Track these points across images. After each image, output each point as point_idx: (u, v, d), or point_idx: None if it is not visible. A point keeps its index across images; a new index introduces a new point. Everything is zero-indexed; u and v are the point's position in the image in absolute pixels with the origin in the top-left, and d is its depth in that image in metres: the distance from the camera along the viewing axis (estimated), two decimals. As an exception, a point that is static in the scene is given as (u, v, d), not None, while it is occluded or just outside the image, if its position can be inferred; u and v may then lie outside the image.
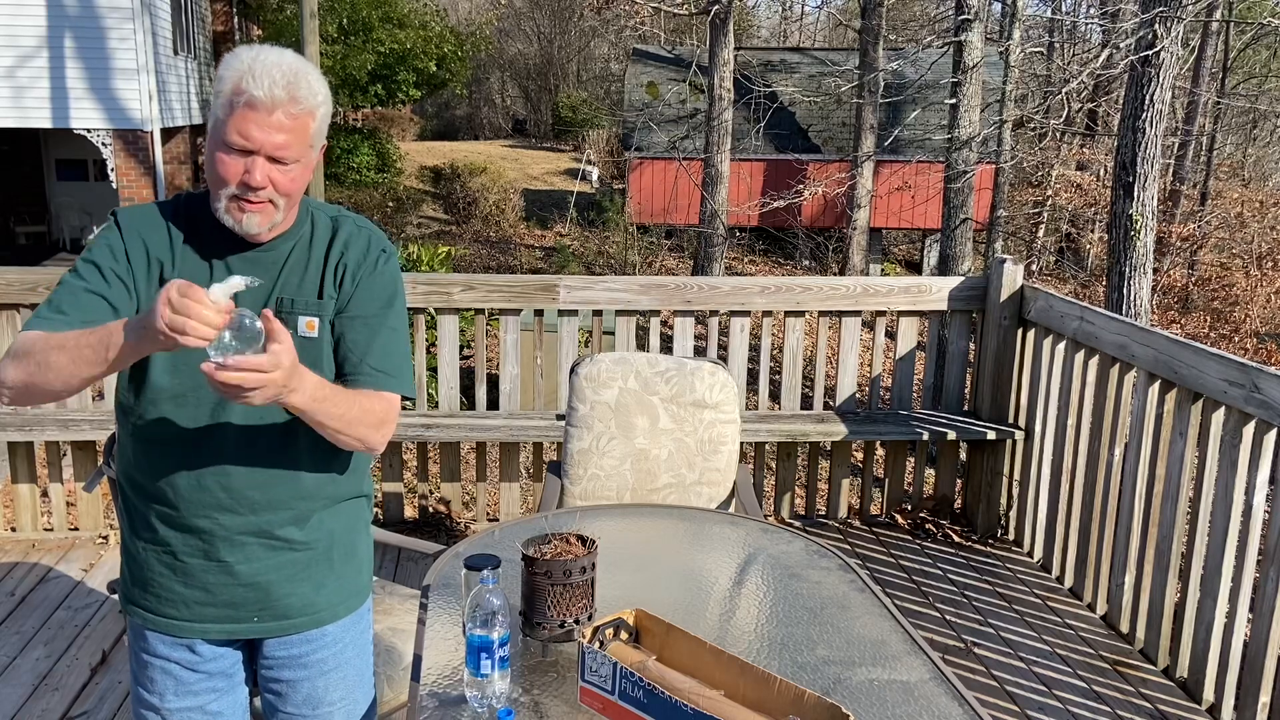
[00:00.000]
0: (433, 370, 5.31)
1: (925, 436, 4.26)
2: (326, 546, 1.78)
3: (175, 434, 1.65)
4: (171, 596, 1.72)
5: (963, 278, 4.45)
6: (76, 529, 4.20)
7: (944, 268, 11.47)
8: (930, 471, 5.64)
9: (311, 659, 1.81)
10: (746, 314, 4.33)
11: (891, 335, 5.23)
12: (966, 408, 4.50)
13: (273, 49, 1.59)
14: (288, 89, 1.55)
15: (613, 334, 4.34)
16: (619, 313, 4.28)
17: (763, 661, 1.79)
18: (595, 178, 22.11)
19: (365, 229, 1.77)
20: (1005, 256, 4.34)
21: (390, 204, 15.72)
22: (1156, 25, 6.94)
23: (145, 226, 1.67)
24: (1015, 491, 4.35)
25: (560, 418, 4.08)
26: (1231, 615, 3.05)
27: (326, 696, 1.84)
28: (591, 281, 4.23)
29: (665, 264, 16.85)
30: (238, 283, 1.42)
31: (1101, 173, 16.35)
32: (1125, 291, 7.30)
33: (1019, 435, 4.25)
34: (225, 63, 1.59)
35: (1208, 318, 13.14)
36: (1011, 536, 4.37)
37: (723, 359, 4.00)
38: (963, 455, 4.72)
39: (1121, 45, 8.70)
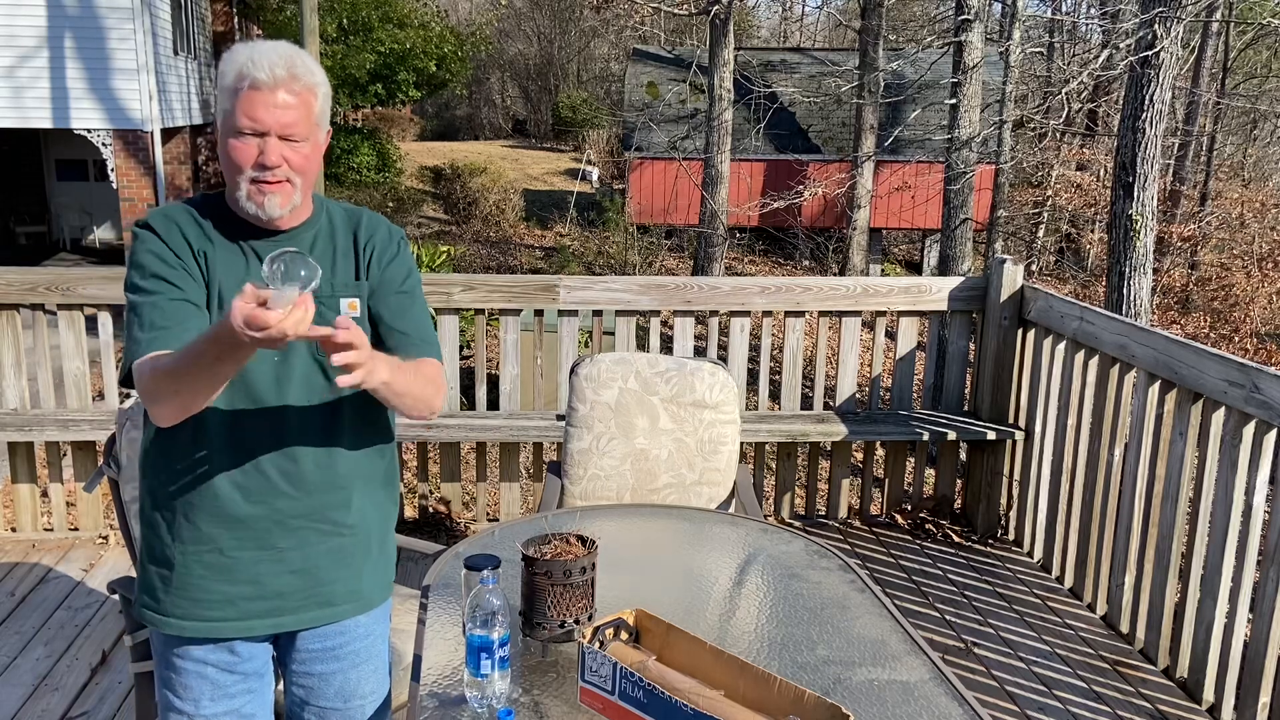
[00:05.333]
0: (433, 370, 5.32)
1: (925, 437, 4.26)
2: (366, 533, 1.83)
3: (227, 421, 1.67)
4: (213, 598, 1.72)
5: (963, 278, 4.45)
6: (76, 529, 4.20)
7: (944, 268, 11.47)
8: (930, 471, 5.64)
9: (345, 651, 1.84)
10: (746, 314, 4.33)
11: (891, 335, 5.23)
12: (966, 408, 4.51)
13: (268, 42, 1.66)
14: (287, 68, 1.61)
15: (613, 334, 4.34)
16: (619, 313, 4.28)
17: (763, 661, 1.79)
18: (595, 178, 22.11)
19: (381, 219, 1.86)
20: (1005, 256, 4.35)
21: (390, 204, 15.72)
22: (1156, 25, 6.94)
23: (177, 222, 1.71)
24: (1015, 491, 4.35)
25: (560, 418, 4.08)
26: (1231, 615, 3.05)
27: (360, 689, 1.86)
28: (591, 281, 4.24)
29: (665, 264, 16.85)
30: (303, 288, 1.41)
31: (1101, 173, 16.35)
32: (1125, 291, 7.30)
33: (1019, 435, 4.25)
34: (225, 59, 1.64)
35: (1208, 318, 13.14)
36: (1011, 536, 4.37)
37: (723, 359, 4.00)
38: (963, 455, 4.72)
39: (1121, 45, 8.70)
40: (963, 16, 10.88)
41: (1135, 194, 7.18)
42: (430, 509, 4.51)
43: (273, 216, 1.67)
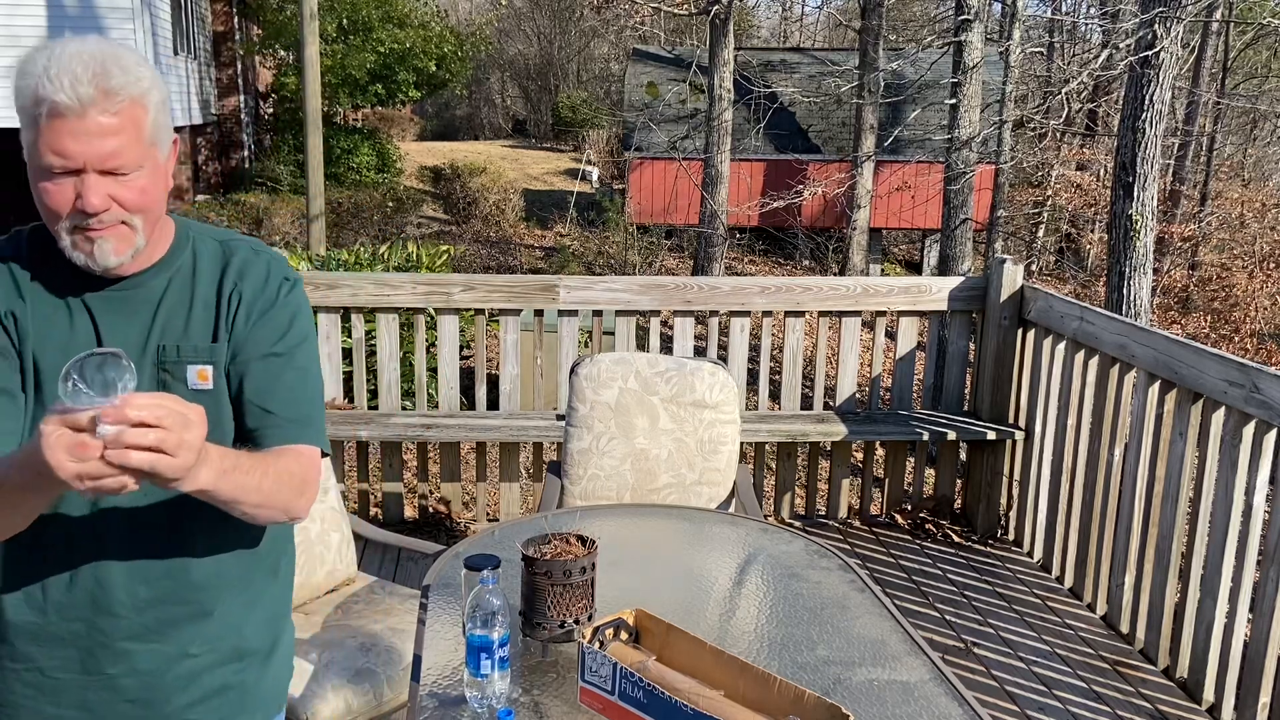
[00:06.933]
0: (433, 370, 5.31)
1: (925, 436, 4.26)
2: (234, 645, 1.47)
3: (37, 524, 1.32)
4: (42, 719, 1.43)
5: (963, 278, 4.45)
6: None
7: (944, 268, 11.46)
8: (930, 471, 5.63)
9: None
10: (746, 314, 4.33)
11: (891, 335, 5.23)
12: (966, 408, 4.51)
13: (72, 39, 1.27)
14: (95, 82, 1.23)
15: (613, 334, 4.34)
16: (619, 313, 4.28)
17: (763, 661, 1.79)
18: (595, 178, 22.09)
19: (263, 254, 1.47)
20: (1005, 256, 4.35)
21: (390, 204, 15.69)
22: (1156, 25, 6.94)
23: None
24: (1015, 491, 4.35)
25: (560, 418, 4.08)
26: (1231, 615, 3.05)
27: None
28: (591, 281, 4.24)
29: (665, 264, 16.84)
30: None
31: (1101, 173, 16.35)
32: (1125, 291, 7.29)
33: (1019, 435, 4.25)
34: (19, 69, 1.26)
35: (1208, 318, 13.13)
36: (1011, 536, 4.37)
37: (723, 359, 4.00)
38: (963, 455, 4.72)
39: (1121, 45, 8.70)
40: (963, 16, 10.87)
41: (1135, 194, 7.17)
42: (430, 509, 4.51)
43: (107, 267, 1.32)
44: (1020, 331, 4.29)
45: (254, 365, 1.41)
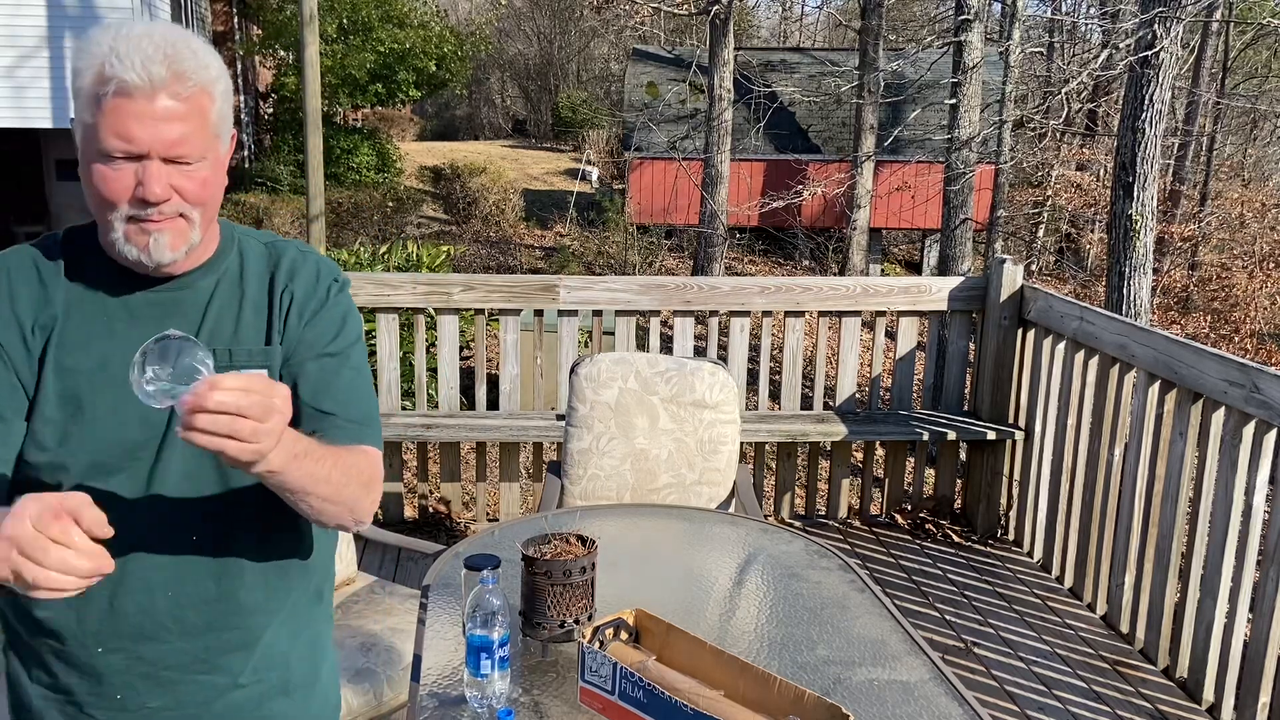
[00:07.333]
0: (433, 370, 5.32)
1: (925, 436, 4.26)
2: (280, 675, 1.41)
3: None
4: None
5: (963, 278, 4.45)
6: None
7: (944, 268, 11.46)
8: (930, 471, 5.63)
9: None
10: (746, 314, 4.33)
11: (891, 335, 5.23)
12: (966, 408, 4.51)
13: (139, 22, 1.23)
14: (168, 63, 1.18)
15: (613, 334, 4.34)
16: (619, 313, 4.28)
17: (763, 661, 1.79)
18: (595, 178, 22.09)
19: (311, 255, 1.41)
20: (1005, 256, 4.35)
21: (390, 204, 15.69)
22: (1156, 25, 6.94)
23: (10, 281, 1.28)
24: (1015, 491, 4.35)
25: (560, 418, 4.08)
26: (1231, 615, 3.05)
27: None
28: (591, 281, 4.24)
29: (665, 264, 16.84)
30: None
31: (1101, 173, 16.35)
32: (1125, 291, 7.29)
33: (1019, 435, 4.25)
34: (80, 50, 1.20)
35: (1208, 318, 13.13)
36: (1011, 536, 4.37)
37: (723, 359, 4.00)
38: (963, 455, 4.72)
39: (1121, 45, 8.70)
40: (963, 16, 10.88)
41: (1135, 194, 7.17)
42: (430, 509, 4.51)
43: (161, 263, 1.24)
44: (1020, 331, 4.29)
45: (308, 366, 1.35)
